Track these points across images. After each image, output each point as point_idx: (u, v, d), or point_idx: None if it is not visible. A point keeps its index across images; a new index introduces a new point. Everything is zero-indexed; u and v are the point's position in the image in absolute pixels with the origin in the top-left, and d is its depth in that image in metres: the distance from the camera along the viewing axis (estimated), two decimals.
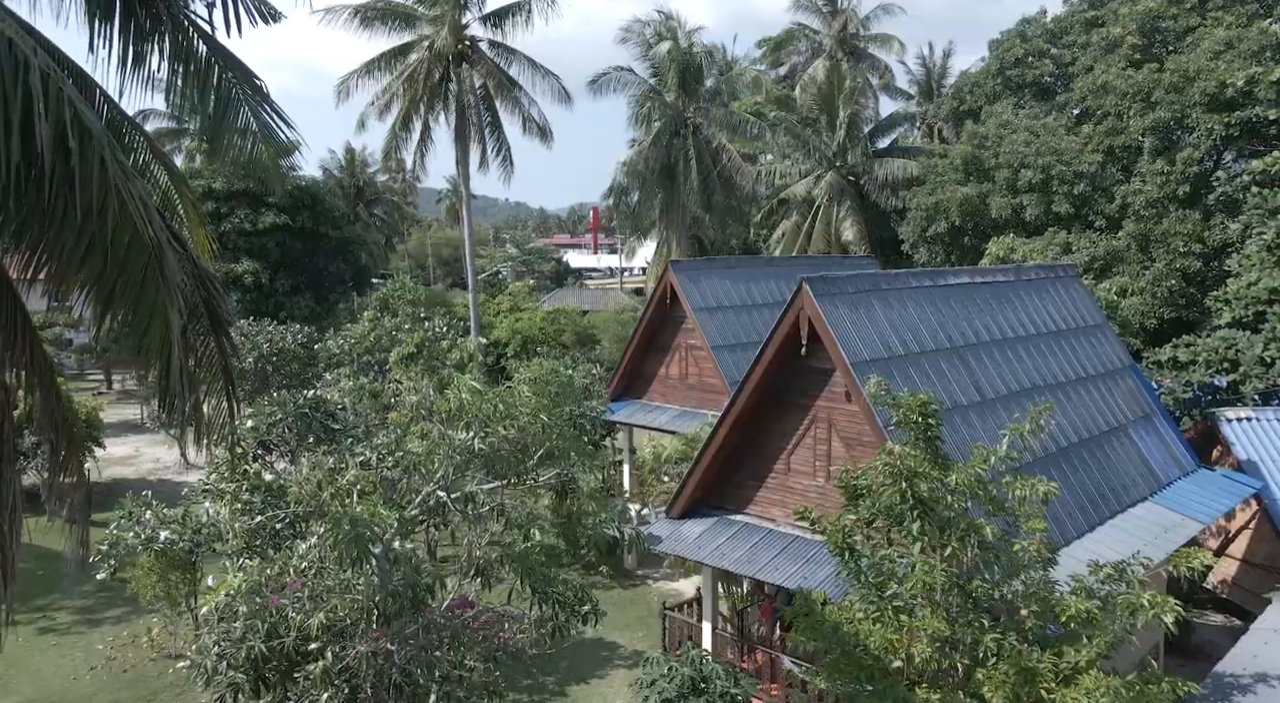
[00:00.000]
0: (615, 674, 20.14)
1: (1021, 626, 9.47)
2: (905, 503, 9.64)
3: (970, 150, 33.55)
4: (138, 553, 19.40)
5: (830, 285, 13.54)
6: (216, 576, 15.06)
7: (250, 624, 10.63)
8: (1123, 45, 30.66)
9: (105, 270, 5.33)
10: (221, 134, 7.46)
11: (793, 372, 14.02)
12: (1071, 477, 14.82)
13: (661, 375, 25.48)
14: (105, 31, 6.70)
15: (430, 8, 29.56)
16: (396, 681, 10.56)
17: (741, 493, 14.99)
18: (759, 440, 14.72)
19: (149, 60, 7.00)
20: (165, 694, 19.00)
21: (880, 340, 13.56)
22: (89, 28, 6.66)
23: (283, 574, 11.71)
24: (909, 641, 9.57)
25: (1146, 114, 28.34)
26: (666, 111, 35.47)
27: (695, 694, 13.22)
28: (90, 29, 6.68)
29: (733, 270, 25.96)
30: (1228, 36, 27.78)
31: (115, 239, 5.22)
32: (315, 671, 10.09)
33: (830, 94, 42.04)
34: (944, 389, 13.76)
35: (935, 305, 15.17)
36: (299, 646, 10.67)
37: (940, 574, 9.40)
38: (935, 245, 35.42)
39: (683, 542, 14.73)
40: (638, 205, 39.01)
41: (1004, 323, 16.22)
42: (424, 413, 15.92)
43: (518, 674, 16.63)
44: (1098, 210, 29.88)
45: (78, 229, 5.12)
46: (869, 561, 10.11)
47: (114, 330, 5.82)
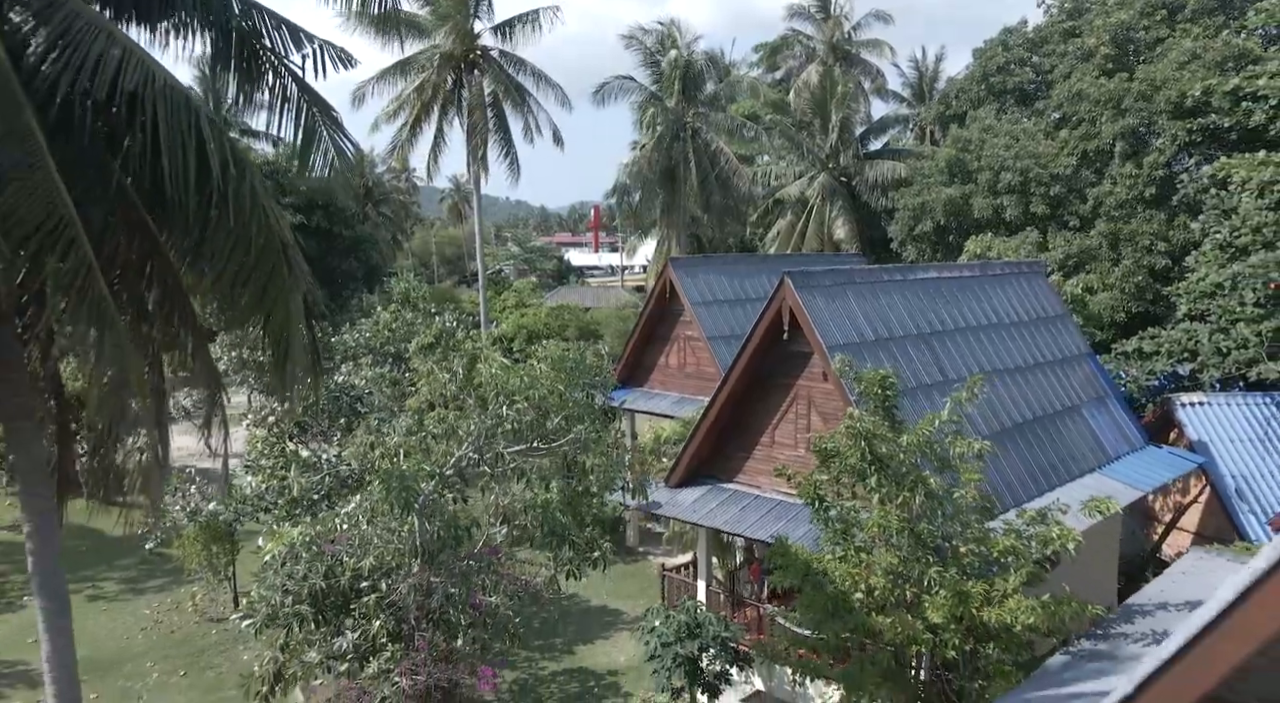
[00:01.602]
0: (619, 636, 22.09)
1: (960, 561, 11.34)
2: (864, 461, 11.51)
3: (954, 153, 35.38)
4: (184, 525, 21.34)
5: (809, 278, 15.41)
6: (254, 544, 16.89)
7: (311, 566, 12.52)
8: (1096, 55, 32.49)
9: (244, 266, 7.19)
10: (306, 154, 9.32)
11: (776, 356, 15.90)
12: (1026, 450, 16.70)
13: (661, 365, 27.35)
14: (225, 77, 8.56)
15: (443, 18, 31.36)
16: (434, 615, 12.46)
17: (731, 464, 16.88)
18: (747, 417, 16.60)
19: (255, 98, 8.87)
20: (210, 652, 20.96)
21: (853, 327, 15.43)
22: (214, 75, 8.51)
23: (331, 530, 13.61)
24: (867, 575, 11.44)
25: (1117, 120, 30.17)
26: (667, 116, 37.34)
27: (690, 637, 15.13)
28: (214, 75, 8.53)
29: (728, 267, 27.83)
30: (1194, 47, 29.57)
31: (255, 241, 7.08)
32: (369, 602, 11.98)
33: (823, 98, 43.91)
34: (910, 371, 15.62)
35: (905, 297, 17.03)
36: (352, 584, 12.57)
37: (894, 519, 11.29)
38: (922, 243, 37.23)
39: (679, 507, 16.62)
40: (639, 205, 40.87)
41: (968, 313, 18.08)
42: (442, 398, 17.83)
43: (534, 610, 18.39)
44: (1072, 211, 31.71)
45: (230, 234, 6.98)
46: (836, 511, 11.99)
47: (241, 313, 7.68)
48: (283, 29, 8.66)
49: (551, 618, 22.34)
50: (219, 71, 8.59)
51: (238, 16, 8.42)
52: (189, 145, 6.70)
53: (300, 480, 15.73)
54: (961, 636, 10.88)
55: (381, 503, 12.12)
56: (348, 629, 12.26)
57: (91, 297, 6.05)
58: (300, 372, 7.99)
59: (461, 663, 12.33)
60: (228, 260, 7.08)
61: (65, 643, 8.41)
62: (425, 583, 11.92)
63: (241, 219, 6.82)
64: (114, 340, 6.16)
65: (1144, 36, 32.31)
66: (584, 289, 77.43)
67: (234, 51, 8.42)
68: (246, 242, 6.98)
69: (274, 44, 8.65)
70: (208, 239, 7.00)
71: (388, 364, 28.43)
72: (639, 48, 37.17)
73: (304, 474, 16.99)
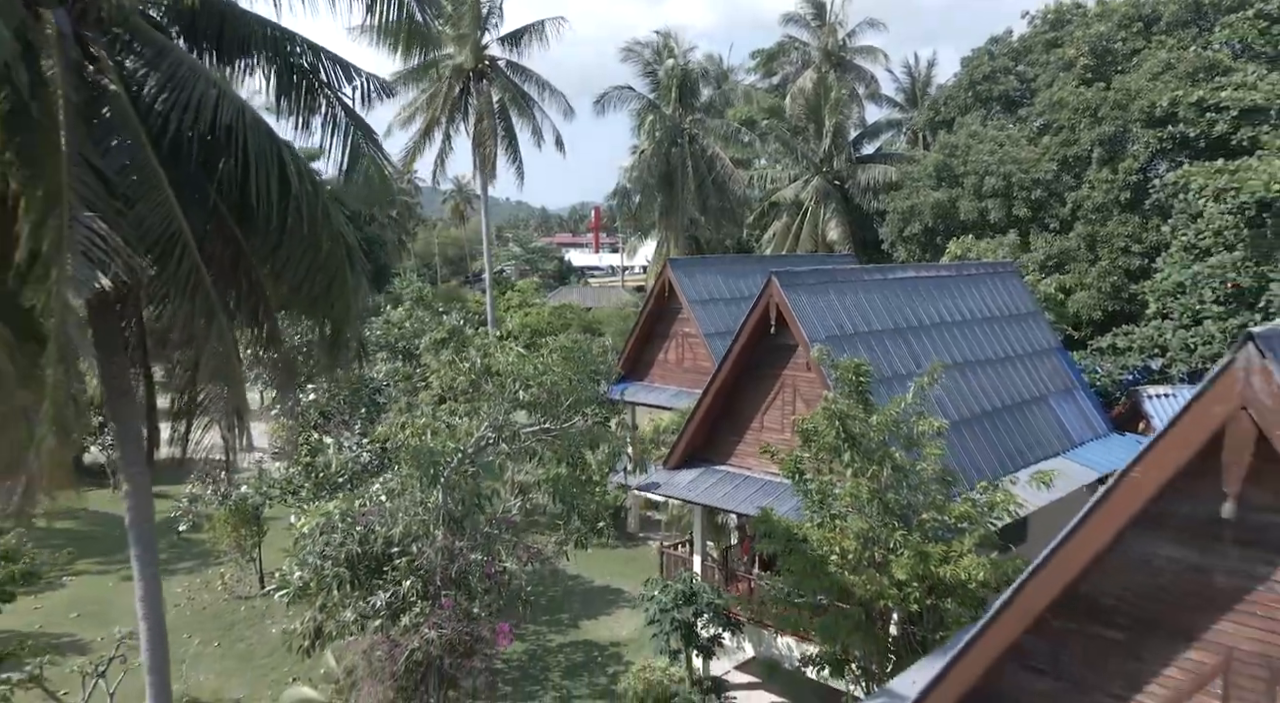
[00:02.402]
0: (620, 613, 23.60)
1: (923, 526, 12.86)
2: (839, 439, 13.04)
3: (941, 158, 36.92)
4: (215, 509, 22.89)
5: (794, 277, 16.94)
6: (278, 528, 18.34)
7: (348, 534, 14.05)
8: (1076, 65, 34.02)
9: (314, 265, 8.70)
10: (352, 171, 10.83)
11: (764, 348, 17.42)
12: (994, 434, 18.23)
13: (660, 360, 28.86)
14: (286, 105, 10.07)
15: (455, 30, 32.86)
16: (456, 578, 13.97)
17: (724, 448, 18.40)
18: (738, 405, 18.12)
19: (311, 123, 10.38)
20: (240, 626, 22.51)
21: (834, 321, 16.96)
22: (276, 104, 10.04)
23: (363, 504, 15.15)
24: (840, 539, 12.95)
25: (1094, 128, 31.70)
26: (665, 123, 38.87)
27: (686, 604, 16.67)
28: (277, 104, 10.05)
29: (724, 267, 29.34)
30: (1168, 58, 31.13)
31: (323, 245, 8.59)
32: (400, 565, 13.49)
33: (817, 104, 45.41)
34: (886, 361, 17.15)
35: (883, 294, 18.56)
36: (384, 550, 14.10)
37: (864, 490, 12.81)
38: (912, 244, 38.76)
39: (676, 487, 18.14)
40: (639, 208, 42.39)
41: (943, 309, 19.60)
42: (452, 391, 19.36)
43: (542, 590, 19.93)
44: (1052, 214, 33.25)
45: (303, 240, 8.49)
46: (814, 484, 13.50)
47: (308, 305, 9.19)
48: (336, 65, 10.18)
49: (558, 596, 23.88)
50: (281, 101, 10.12)
51: (299, 55, 9.94)
52: (272, 169, 8.21)
53: (337, 457, 17.24)
54: (923, 591, 12.39)
55: (410, 478, 13.63)
56: (380, 590, 13.78)
57: (200, 293, 7.54)
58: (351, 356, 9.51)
59: (481, 621, 13.83)
60: (300, 261, 8.57)
61: (155, 587, 9.97)
62: (450, 547, 13.43)
63: (314, 228, 8.32)
64: (217, 331, 7.64)
65: (1121, 48, 33.84)
66: (585, 289, 78.90)
67: (295, 84, 9.95)
68: (316, 246, 8.47)
69: (328, 78, 10.17)
70: (284, 244, 8.49)
71: (398, 360, 29.95)
72: (637, 58, 38.72)
73: (337, 456, 18.51)
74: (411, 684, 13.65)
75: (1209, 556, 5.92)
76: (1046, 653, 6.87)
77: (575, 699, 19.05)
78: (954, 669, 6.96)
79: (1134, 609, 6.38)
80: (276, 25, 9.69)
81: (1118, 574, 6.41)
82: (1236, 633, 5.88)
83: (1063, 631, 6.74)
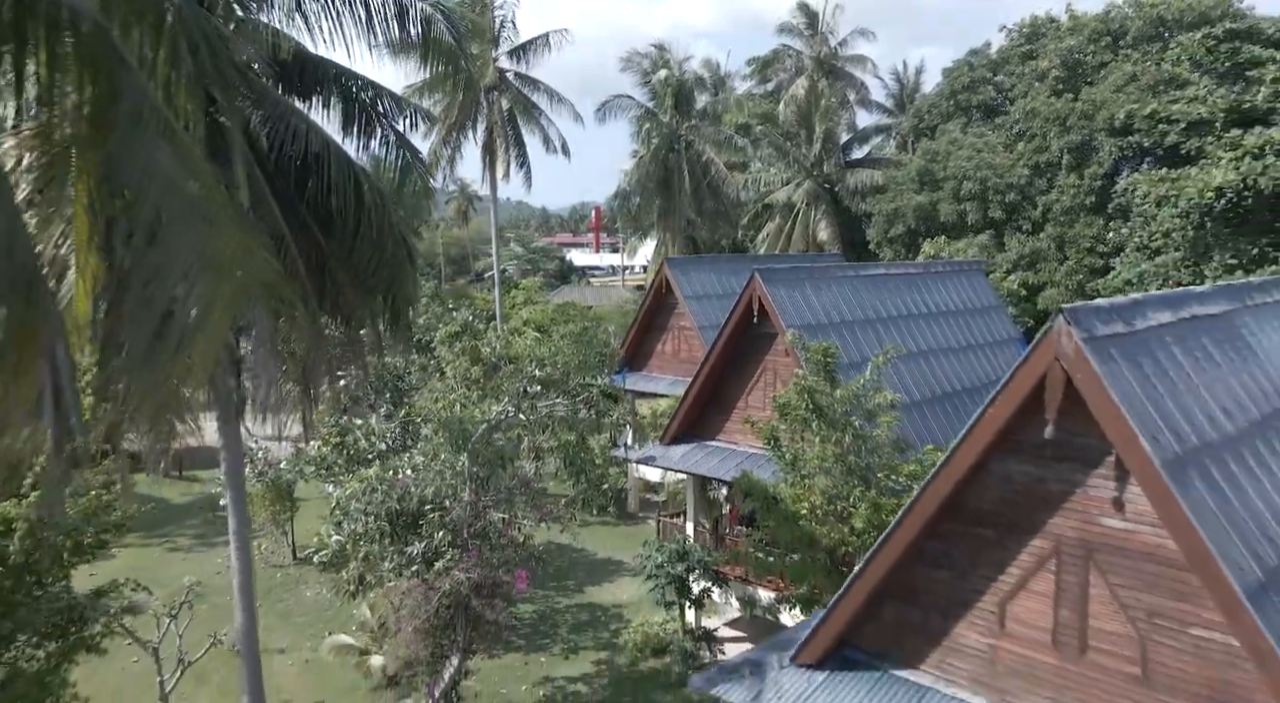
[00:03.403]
0: (621, 580, 25.90)
1: (879, 484, 15.17)
2: (808, 410, 15.34)
3: (923, 164, 39.24)
4: (253, 485, 25.21)
5: (774, 273, 19.26)
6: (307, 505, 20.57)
7: (387, 494, 16.35)
8: (1048, 77, 36.33)
9: (381, 262, 10.98)
10: (402, 185, 13.13)
11: (749, 337, 19.74)
12: (954, 413, 20.53)
13: (658, 352, 31.14)
14: (351, 131, 12.36)
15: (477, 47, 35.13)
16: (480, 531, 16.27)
17: (713, 426, 20.72)
18: (725, 387, 20.44)
19: (370, 145, 12.68)
20: (277, 590, 24.86)
21: (810, 312, 19.26)
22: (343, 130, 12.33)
23: (395, 473, 17.45)
24: (809, 496, 15.26)
25: (1064, 136, 34.01)
26: (663, 130, 41.19)
27: (680, 560, 18.98)
28: (343, 130, 12.34)
29: (717, 265, 31.63)
30: (1133, 71, 33.43)
31: (388, 246, 10.88)
32: (434, 519, 15.79)
33: (809, 111, 47.74)
34: (856, 348, 19.44)
35: (856, 289, 20.87)
36: (418, 507, 16.39)
37: (829, 454, 15.11)
38: (897, 245, 41.09)
39: (671, 459, 20.47)
40: (638, 210, 44.70)
41: (910, 303, 21.91)
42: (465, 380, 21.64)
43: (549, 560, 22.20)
44: (1025, 216, 35.56)
45: (373, 243, 10.79)
46: (788, 449, 15.81)
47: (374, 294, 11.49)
48: (390, 100, 12.49)
49: (565, 566, 26.17)
50: (347, 127, 12.42)
51: (361, 90, 12.26)
52: (349, 188, 10.50)
53: (368, 437, 19.53)
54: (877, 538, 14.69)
55: (441, 445, 15.93)
56: (416, 541, 16.08)
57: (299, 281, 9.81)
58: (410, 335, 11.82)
59: (501, 568, 16.14)
60: (370, 260, 10.84)
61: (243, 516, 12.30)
62: (475, 503, 15.74)
63: (380, 233, 10.61)
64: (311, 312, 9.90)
65: (1090, 60, 36.13)
66: (586, 288, 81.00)
67: (358, 115, 12.26)
68: (383, 247, 10.75)
69: (384, 109, 12.48)
70: (356, 248, 10.76)
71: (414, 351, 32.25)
72: (636, 68, 41.08)
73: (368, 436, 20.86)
74: (443, 622, 15.96)
75: (1044, 469, 8.25)
76: (942, 551, 9.19)
77: (582, 650, 21.35)
78: (872, 564, 9.29)
79: (999, 513, 8.71)
80: (343, 68, 12.00)
81: (987, 488, 8.74)
82: (1063, 524, 8.21)
83: (952, 533, 9.06)
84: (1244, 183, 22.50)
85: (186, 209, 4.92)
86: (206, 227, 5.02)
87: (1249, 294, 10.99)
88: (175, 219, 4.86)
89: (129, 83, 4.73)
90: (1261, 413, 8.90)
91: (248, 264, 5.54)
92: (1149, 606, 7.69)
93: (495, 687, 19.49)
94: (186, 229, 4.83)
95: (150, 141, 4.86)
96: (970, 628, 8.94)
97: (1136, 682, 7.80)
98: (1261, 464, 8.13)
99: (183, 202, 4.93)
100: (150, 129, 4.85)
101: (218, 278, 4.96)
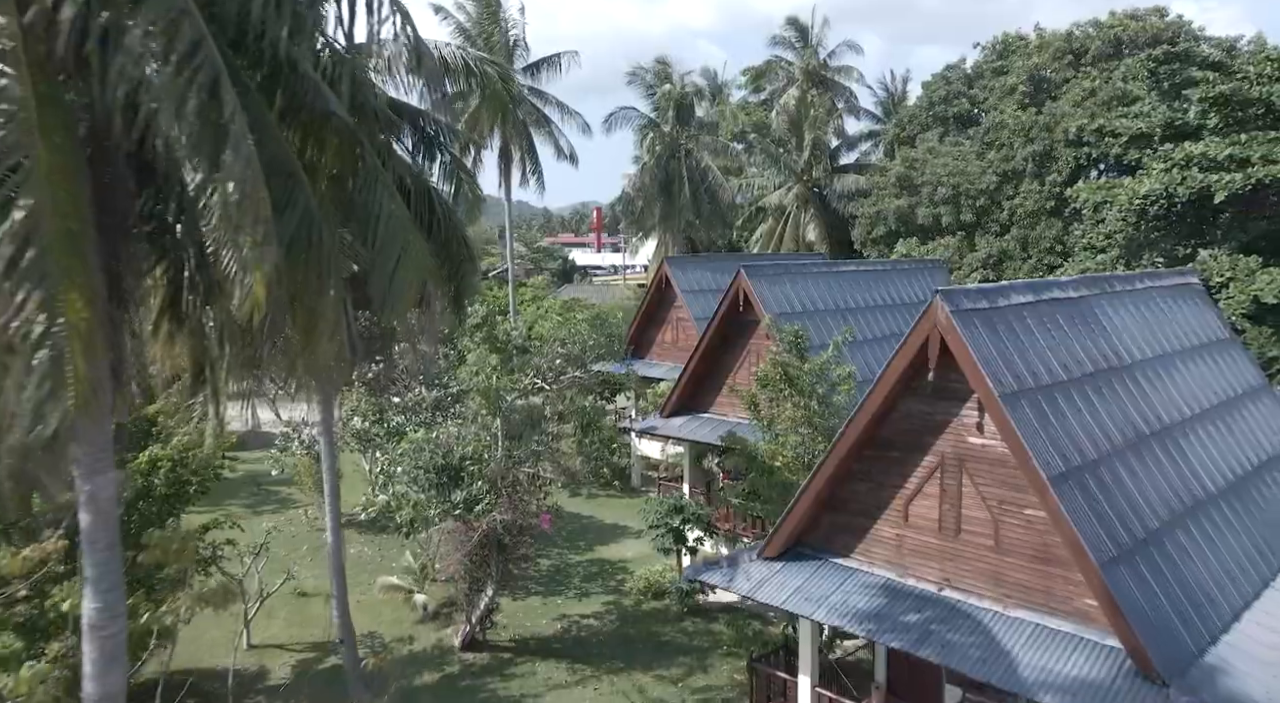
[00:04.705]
0: (626, 541, 29.29)
1: None
2: (782, 380, 18.75)
3: (903, 170, 42.66)
4: (300, 458, 28.63)
5: (758, 269, 22.68)
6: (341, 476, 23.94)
7: (433, 452, 19.76)
8: (1016, 92, 39.74)
9: (447, 259, 14.39)
10: (457, 197, 16.54)
11: (736, 323, 23.15)
12: None
13: (659, 341, 34.54)
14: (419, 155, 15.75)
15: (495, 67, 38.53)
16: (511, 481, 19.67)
17: (705, 400, 24.16)
18: (716, 367, 23.86)
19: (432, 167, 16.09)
20: (325, 549, 28.21)
21: (787, 302, 22.68)
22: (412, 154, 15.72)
23: (437, 437, 20.86)
24: (782, 451, 18.65)
25: (1028, 146, 37.42)
26: (664, 139, 44.64)
27: (676, 513, 22.38)
28: (413, 154, 15.74)
29: (712, 264, 35.03)
30: (1091, 87, 36.84)
31: (453, 245, 14.29)
32: (474, 470, 19.20)
33: (799, 120, 51.18)
34: (826, 333, 22.77)
35: (828, 283, 24.28)
36: (460, 463, 19.80)
37: (799, 416, 18.51)
38: (880, 245, 44.52)
39: (670, 428, 23.92)
40: (641, 213, 48.10)
41: (876, 295, 25.32)
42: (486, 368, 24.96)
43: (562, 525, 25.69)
44: (993, 219, 38.98)
45: (443, 243, 14.19)
46: (765, 413, 19.21)
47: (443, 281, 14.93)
48: (449, 131, 15.91)
49: (575, 530, 29.59)
50: (416, 151, 15.84)
51: (427, 123, 15.68)
52: (425, 203, 13.92)
53: (428, 396, 22.92)
54: None
55: (480, 409, 19.35)
56: (458, 490, 19.49)
57: None
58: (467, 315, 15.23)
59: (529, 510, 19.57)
60: (438, 256, 14.24)
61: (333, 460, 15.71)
62: (508, 458, 19.14)
63: (448, 235, 14.02)
64: None
65: (1054, 77, 39.55)
66: (589, 287, 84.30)
67: (423, 143, 15.70)
68: (449, 245, 14.14)
69: (443, 138, 15.91)
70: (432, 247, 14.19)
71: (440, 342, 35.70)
72: (640, 82, 44.55)
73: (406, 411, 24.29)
74: (481, 555, 19.37)
75: (931, 405, 11.67)
76: (865, 470, 12.61)
77: (592, 594, 24.75)
78: (813, 481, 12.72)
79: (905, 439, 12.12)
80: (417, 108, 15.41)
81: (893, 422, 12.15)
82: (943, 444, 11.63)
83: (870, 456, 12.48)
84: (1165, 191, 25.83)
85: (397, 225, 8.24)
86: (404, 234, 8.33)
87: (1110, 284, 14.43)
88: (392, 231, 8.20)
89: (365, 152, 7.98)
90: (1096, 368, 12.32)
91: (421, 257, 8.91)
92: (999, 496, 11.11)
93: (520, 621, 22.88)
94: (396, 237, 8.12)
95: (376, 186, 8.20)
96: (884, 524, 12.37)
97: (992, 549, 11.22)
98: (1083, 399, 11.55)
99: (394, 220, 8.25)
100: (375, 177, 8.13)
101: (410, 262, 8.27)
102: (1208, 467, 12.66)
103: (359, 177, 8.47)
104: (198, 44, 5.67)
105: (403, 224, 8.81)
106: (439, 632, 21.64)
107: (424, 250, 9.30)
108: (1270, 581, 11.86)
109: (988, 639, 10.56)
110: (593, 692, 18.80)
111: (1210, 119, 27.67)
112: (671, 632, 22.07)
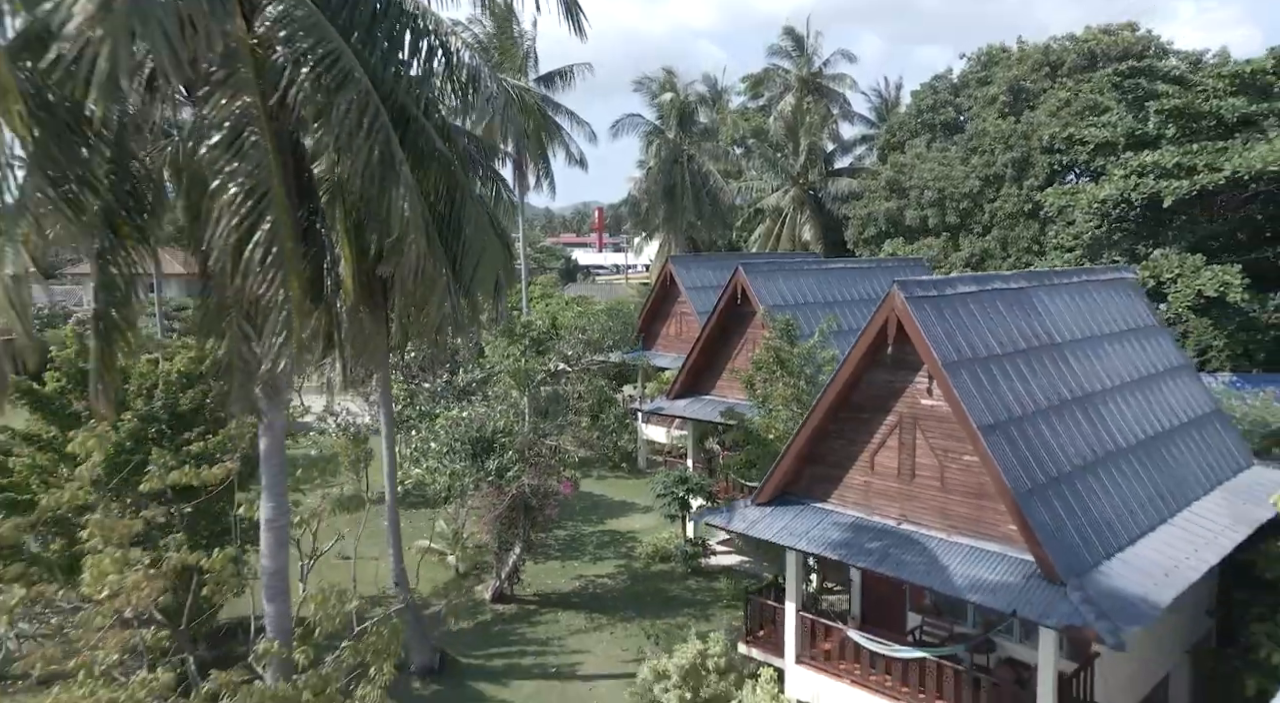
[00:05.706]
0: (634, 516, 32.05)
1: None
2: (774, 363, 21.49)
3: (893, 174, 45.42)
4: (337, 438, 31.39)
5: (754, 266, 25.42)
6: None
7: (468, 427, 22.53)
8: (997, 101, 42.49)
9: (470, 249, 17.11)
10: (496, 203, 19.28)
11: (734, 315, 25.89)
12: None
13: (664, 334, 37.27)
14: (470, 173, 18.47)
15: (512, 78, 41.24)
16: (537, 452, 22.42)
17: (707, 384, 26.91)
18: (716, 355, 26.61)
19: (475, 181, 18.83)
20: (358, 519, 31.01)
21: (780, 296, 25.41)
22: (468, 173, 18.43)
23: (469, 415, 23.63)
24: (774, 424, 21.37)
25: (1007, 152, 40.17)
26: (668, 145, 47.42)
27: (681, 483, 25.13)
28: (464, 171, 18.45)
29: (713, 262, 37.75)
30: (1066, 97, 39.58)
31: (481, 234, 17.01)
32: (505, 443, 21.94)
33: (795, 126, 53.94)
34: (816, 322, 25.54)
35: (819, 279, 27.03)
36: (493, 436, 22.56)
37: (789, 394, 21.26)
38: (871, 244, 47.27)
39: (675, 408, 26.67)
40: (645, 214, 50.89)
41: (861, 291, 28.06)
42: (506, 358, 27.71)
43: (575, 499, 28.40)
44: (976, 220, 41.74)
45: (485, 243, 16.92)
46: (759, 391, 21.95)
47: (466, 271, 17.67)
48: (489, 151, 18.67)
49: (588, 507, 32.35)
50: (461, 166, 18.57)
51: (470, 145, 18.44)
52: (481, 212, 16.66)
53: (462, 378, 25.69)
54: None
55: (510, 389, 22.10)
56: (490, 460, 22.26)
57: None
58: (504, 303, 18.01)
59: (552, 478, 22.33)
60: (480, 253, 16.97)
61: (390, 432, 18.46)
62: (535, 432, 21.89)
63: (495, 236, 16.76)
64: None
65: (1033, 88, 42.30)
66: (592, 286, 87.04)
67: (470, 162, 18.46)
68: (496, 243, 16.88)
69: (485, 157, 18.67)
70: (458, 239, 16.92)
71: None
72: (645, 91, 47.31)
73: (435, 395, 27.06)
74: (510, 518, 22.13)
75: (891, 374, 14.42)
76: (839, 429, 15.35)
77: (605, 559, 27.51)
78: (797, 439, 15.47)
79: (870, 402, 14.87)
80: (463, 129, 18.16)
81: (862, 388, 14.91)
82: (901, 405, 14.37)
83: (843, 417, 15.23)
84: (1122, 196, 28.52)
85: (481, 228, 10.99)
86: (485, 235, 11.06)
87: (1049, 278, 17.17)
88: (476, 232, 10.96)
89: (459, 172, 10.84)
90: (1029, 346, 15.06)
91: (496, 253, 11.69)
92: (943, 446, 13.85)
93: (542, 580, 25.64)
94: (479, 236, 10.86)
95: (469, 200, 11.02)
96: (854, 473, 15.12)
97: (939, 489, 13.97)
98: (1015, 370, 14.29)
99: (479, 225, 11.01)
100: (467, 193, 10.90)
101: (488, 255, 11.04)
102: (1121, 427, 15.40)
103: (456, 193, 11.23)
104: (376, 114, 8.38)
105: (483, 228, 11.53)
106: (471, 588, 24.41)
107: (498, 248, 12.01)
108: (1168, 519, 14.60)
109: (933, 558, 13.30)
110: (609, 635, 21.57)
111: (1168, 129, 30.38)
112: (677, 589, 24.83)
